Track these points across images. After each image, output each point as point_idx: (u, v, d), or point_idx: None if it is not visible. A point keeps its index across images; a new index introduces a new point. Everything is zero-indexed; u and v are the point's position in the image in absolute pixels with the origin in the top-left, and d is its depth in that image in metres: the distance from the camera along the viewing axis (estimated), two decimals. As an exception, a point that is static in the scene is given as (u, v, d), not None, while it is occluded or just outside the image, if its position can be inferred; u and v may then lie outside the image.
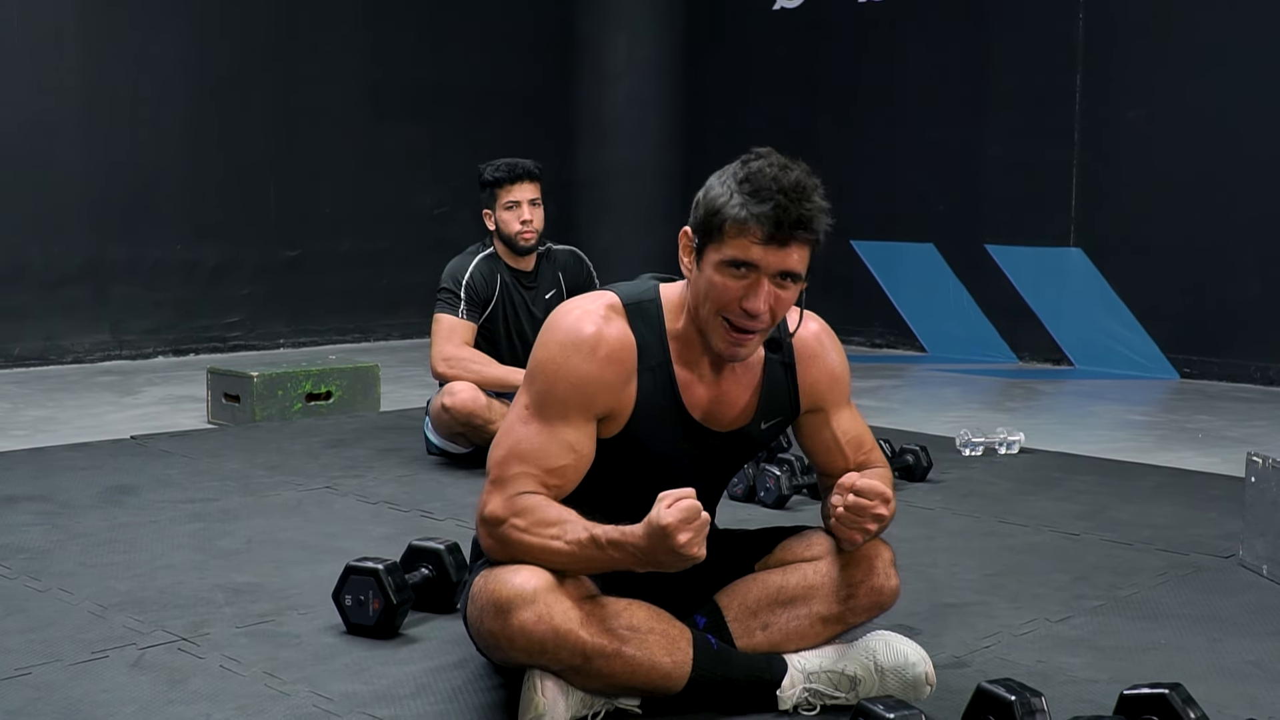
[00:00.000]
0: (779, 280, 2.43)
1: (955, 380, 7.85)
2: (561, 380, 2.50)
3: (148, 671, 2.83)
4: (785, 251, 2.40)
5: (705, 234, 2.46)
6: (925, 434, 5.72)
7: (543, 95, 9.96)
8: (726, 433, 2.66)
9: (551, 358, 2.52)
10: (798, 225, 2.39)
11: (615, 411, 2.54)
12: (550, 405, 2.50)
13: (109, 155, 8.01)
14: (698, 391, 2.61)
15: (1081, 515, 4.30)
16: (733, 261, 2.42)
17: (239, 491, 4.53)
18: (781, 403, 2.70)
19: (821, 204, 2.43)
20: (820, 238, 2.46)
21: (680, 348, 2.59)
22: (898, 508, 4.28)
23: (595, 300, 2.59)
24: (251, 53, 8.55)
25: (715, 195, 2.45)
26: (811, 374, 2.70)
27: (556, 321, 2.56)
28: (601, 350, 2.51)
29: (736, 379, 2.65)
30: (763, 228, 2.38)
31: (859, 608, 2.68)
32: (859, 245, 9.31)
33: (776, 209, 2.37)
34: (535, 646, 2.38)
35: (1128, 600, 3.39)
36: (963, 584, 3.52)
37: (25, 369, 7.69)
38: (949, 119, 8.80)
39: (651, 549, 2.29)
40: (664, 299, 2.62)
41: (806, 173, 2.44)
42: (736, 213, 2.40)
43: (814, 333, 2.73)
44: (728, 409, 2.64)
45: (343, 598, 3.09)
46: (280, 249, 8.76)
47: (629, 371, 2.53)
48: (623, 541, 2.33)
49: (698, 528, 2.27)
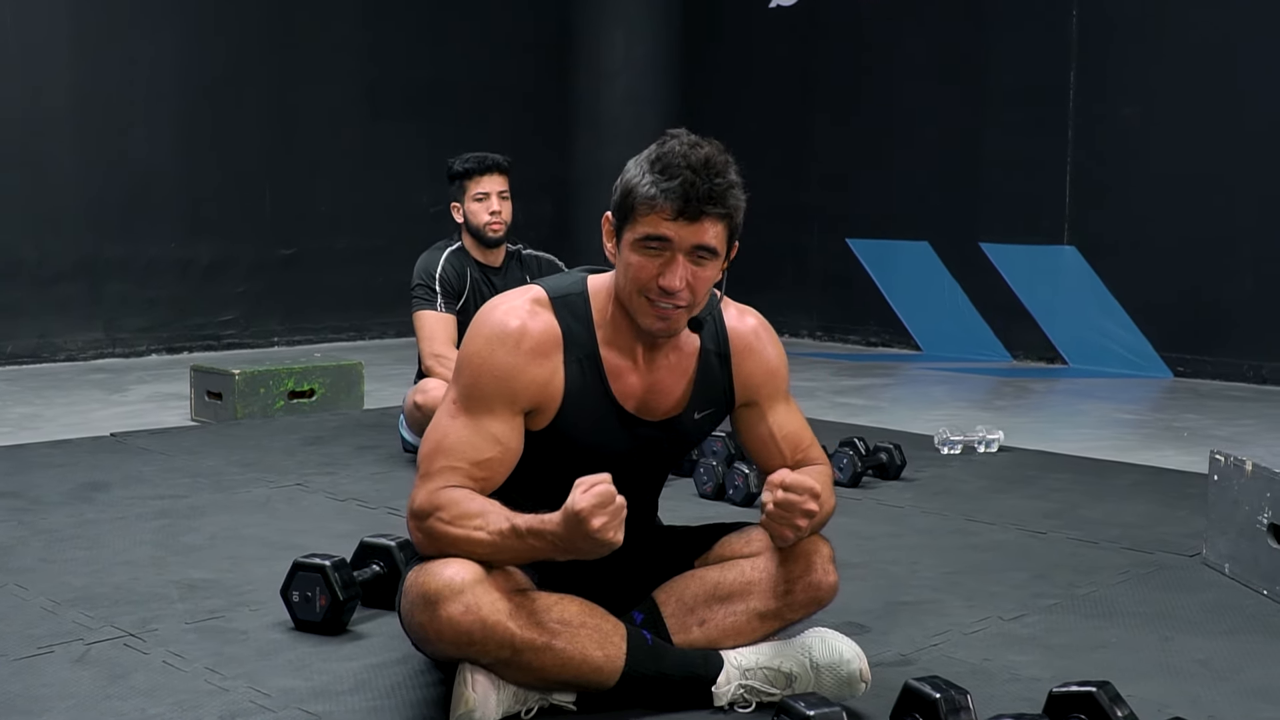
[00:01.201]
0: (695, 256, 2.46)
1: (947, 379, 7.82)
2: (486, 374, 2.51)
3: (90, 667, 2.83)
4: (697, 226, 2.43)
5: (621, 216, 2.50)
6: (907, 432, 5.70)
7: (540, 93, 9.96)
8: (658, 422, 2.65)
9: (477, 351, 2.53)
10: (707, 200, 2.42)
11: (542, 404, 2.55)
12: (476, 399, 2.51)
13: (103, 153, 8.04)
14: (629, 380, 2.61)
15: (1050, 514, 4.28)
16: (645, 239, 2.45)
17: (210, 488, 4.54)
18: (715, 394, 2.69)
19: (733, 179, 2.46)
20: (734, 214, 2.48)
21: (609, 335, 2.59)
22: (870, 506, 4.32)
23: (521, 295, 2.60)
24: (247, 50, 8.57)
25: (629, 178, 2.48)
26: (747, 367, 2.70)
27: (483, 316, 2.57)
28: (526, 343, 2.52)
29: (670, 368, 2.65)
30: (672, 203, 2.41)
31: (796, 604, 2.66)
32: (854, 243, 9.29)
33: (684, 184, 2.40)
34: (463, 638, 2.38)
35: (1084, 599, 3.37)
36: (920, 582, 3.51)
37: (18, 366, 7.72)
38: (944, 117, 8.77)
39: (569, 535, 2.29)
40: (592, 289, 2.62)
41: (719, 150, 2.47)
42: (646, 190, 2.43)
43: (751, 327, 2.73)
44: (661, 398, 2.64)
45: (290, 594, 3.09)
46: (275, 247, 8.78)
47: (555, 363, 2.55)
48: (541, 529, 2.33)
49: (612, 512, 2.27)
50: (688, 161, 2.42)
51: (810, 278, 9.59)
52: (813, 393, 7.02)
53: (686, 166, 2.41)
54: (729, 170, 2.46)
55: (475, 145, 5.53)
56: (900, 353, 8.97)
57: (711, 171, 2.43)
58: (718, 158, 2.45)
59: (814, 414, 6.26)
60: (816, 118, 9.46)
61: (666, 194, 2.41)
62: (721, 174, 2.44)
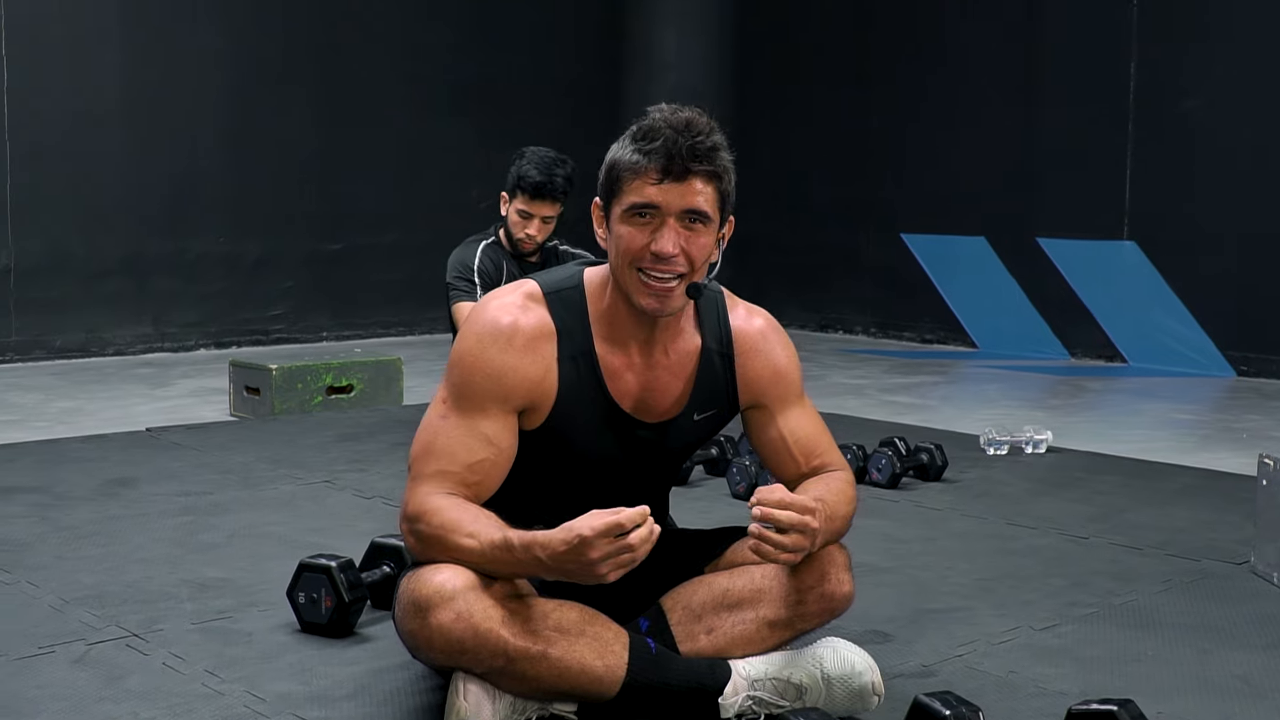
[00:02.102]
0: (686, 221, 2.38)
1: (1001, 377, 7.65)
2: (477, 372, 2.43)
3: (89, 668, 2.77)
4: (685, 187, 2.36)
5: (608, 193, 2.43)
6: (954, 432, 5.56)
7: (590, 88, 9.87)
8: (656, 424, 2.55)
9: (468, 349, 2.45)
10: (691, 157, 2.35)
11: (536, 403, 2.46)
12: (467, 398, 2.43)
13: (152, 149, 8.04)
14: (626, 379, 2.52)
15: (1094, 518, 4.13)
16: (633, 208, 2.38)
17: (236, 485, 4.49)
18: (717, 395, 2.59)
19: (718, 140, 2.39)
20: (724, 176, 2.40)
21: (606, 330, 2.50)
22: (907, 508, 4.20)
23: (514, 290, 2.52)
24: (296, 45, 8.55)
25: (613, 155, 2.42)
26: (753, 368, 2.60)
27: (475, 313, 2.50)
28: (518, 340, 2.44)
29: (669, 366, 2.55)
30: (656, 163, 2.35)
31: (809, 614, 2.55)
32: (909, 238, 9.13)
33: (666, 143, 2.34)
34: (454, 647, 2.29)
35: (1122, 608, 3.23)
36: (951, 588, 3.38)
37: (66, 361, 7.74)
38: (1001, 109, 8.59)
39: (563, 556, 2.19)
40: (588, 282, 2.54)
41: (700, 113, 2.40)
42: (629, 158, 2.37)
43: (758, 327, 2.63)
44: (659, 398, 2.54)
45: (296, 595, 3.02)
46: (323, 242, 8.76)
47: (548, 360, 2.46)
48: (533, 544, 2.23)
49: (617, 547, 2.16)
50: (669, 123, 2.36)
51: (864, 274, 9.43)
52: (861, 390, 6.89)
53: (668, 127, 2.36)
54: (713, 132, 2.39)
55: (523, 140, 5.42)
56: (955, 350, 8.80)
57: (694, 131, 2.36)
58: (700, 119, 2.39)
59: (860, 412, 6.14)
60: (871, 112, 9.30)
61: (650, 155, 2.35)
62: (705, 133, 2.37)
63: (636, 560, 2.19)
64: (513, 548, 2.25)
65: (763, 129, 9.94)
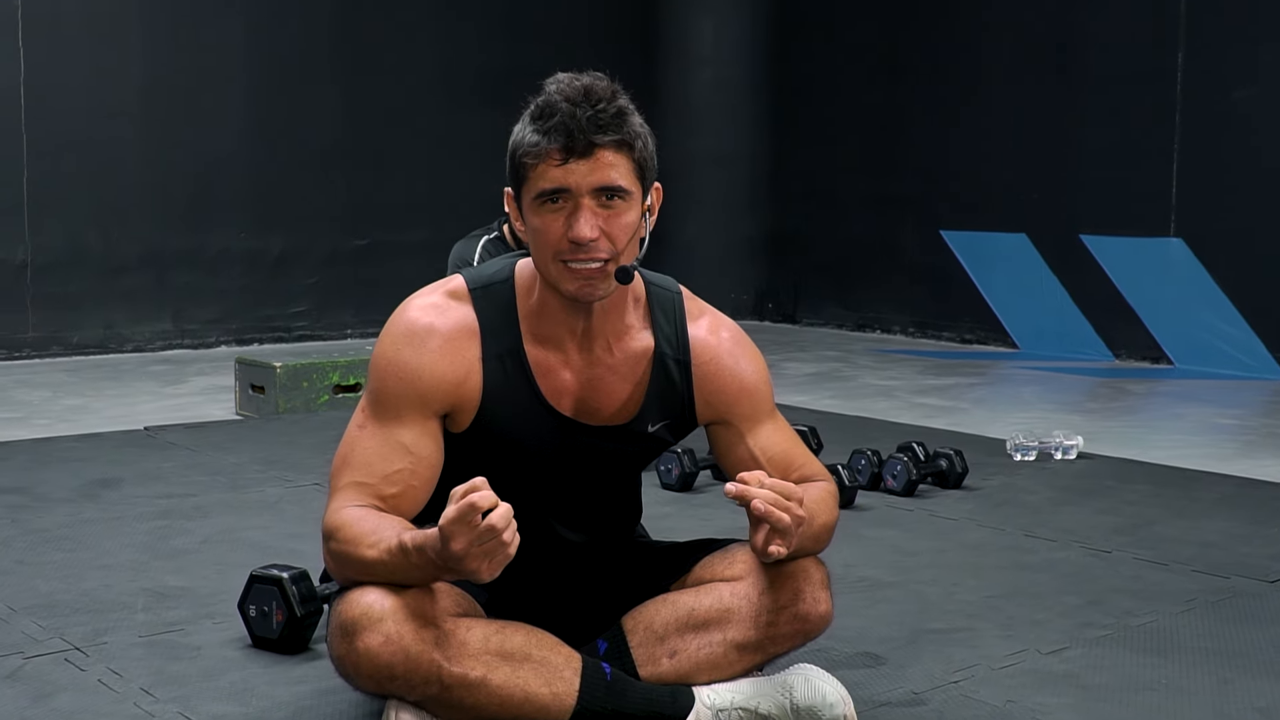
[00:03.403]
0: (601, 200, 2.16)
1: (1040, 379, 7.37)
2: (391, 376, 2.24)
3: (19, 684, 2.60)
4: (593, 162, 2.14)
5: (515, 181, 2.22)
6: (982, 436, 5.31)
7: (625, 80, 9.59)
8: (601, 428, 2.34)
9: (383, 353, 2.27)
10: (595, 129, 2.13)
11: (458, 405, 2.27)
12: (383, 405, 2.24)
13: (172, 142, 7.92)
14: (562, 377, 2.31)
15: (1120, 529, 3.88)
16: (542, 195, 2.16)
17: (222, 487, 4.33)
18: (673, 405, 2.37)
19: (622, 105, 2.17)
20: (635, 143, 2.18)
21: (536, 326, 2.30)
22: (920, 518, 3.96)
23: (436, 288, 2.33)
24: (319, 37, 8.40)
25: (513, 139, 2.20)
26: (715, 382, 2.37)
27: (393, 316, 2.31)
28: (433, 341, 2.25)
29: (614, 365, 2.33)
30: (557, 143, 2.13)
31: (781, 635, 2.33)
32: (948, 235, 8.86)
33: (564, 117, 2.13)
34: (384, 672, 2.10)
35: (1139, 630, 2.99)
36: (955, 606, 3.15)
37: (83, 357, 7.63)
38: (1042, 102, 8.30)
39: (443, 553, 1.98)
40: (518, 276, 2.33)
41: (599, 78, 2.19)
42: (529, 139, 2.15)
43: (724, 340, 2.40)
44: (605, 399, 2.33)
45: (247, 608, 2.84)
46: (348, 238, 8.60)
47: (469, 361, 2.26)
48: (424, 544, 2.02)
49: (478, 534, 1.93)
50: (565, 95, 2.14)
51: (902, 272, 9.16)
52: (891, 392, 6.64)
53: (564, 100, 2.14)
54: (616, 97, 2.17)
55: None
56: (995, 350, 8.52)
57: (593, 99, 2.14)
58: (599, 84, 2.17)
59: (887, 415, 5.90)
60: (910, 105, 9.03)
61: (549, 135, 2.13)
62: (606, 99, 2.15)
63: (507, 547, 1.95)
64: (408, 551, 2.05)
65: (800, 124, 9.70)
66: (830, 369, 7.41)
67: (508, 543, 1.96)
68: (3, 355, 7.43)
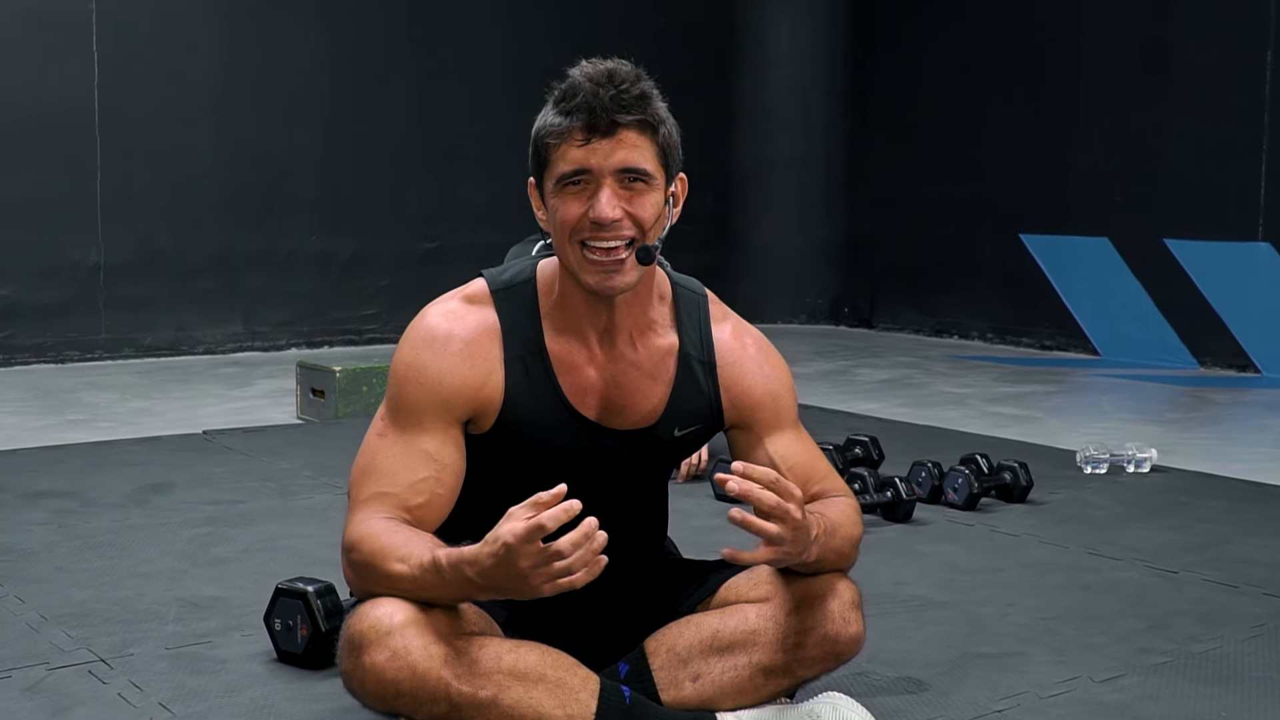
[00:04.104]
0: (624, 181, 2.10)
1: (1119, 387, 7.16)
2: (412, 383, 2.18)
3: (38, 697, 2.56)
4: (615, 142, 2.09)
5: (538, 167, 2.17)
6: (1053, 448, 5.15)
7: (700, 82, 9.58)
8: (626, 431, 2.26)
9: (402, 359, 2.21)
10: (617, 108, 2.08)
11: (480, 409, 2.20)
12: (404, 412, 2.17)
13: (243, 145, 7.95)
14: (585, 374, 2.23)
15: (1190, 548, 3.72)
16: (563, 178, 2.11)
17: (272, 493, 4.29)
18: (699, 408, 2.29)
19: (645, 89, 2.12)
20: (660, 126, 2.13)
21: (558, 322, 2.23)
22: (980, 533, 3.83)
23: (456, 293, 2.28)
24: (391, 39, 8.39)
25: (536, 125, 2.16)
26: (741, 384, 2.30)
27: (413, 322, 2.25)
28: (453, 345, 2.18)
29: (638, 362, 2.25)
30: (579, 122, 2.08)
31: (808, 659, 2.23)
32: (1028, 239, 8.66)
33: (586, 97, 2.08)
34: (389, 689, 2.02)
35: (1202, 657, 2.84)
36: (1009, 629, 3.02)
37: (154, 359, 7.68)
38: (1127, 103, 8.07)
39: (492, 571, 1.91)
40: (540, 274, 2.27)
41: (623, 63, 2.14)
42: (551, 121, 2.11)
43: (749, 344, 2.33)
44: (630, 398, 2.25)
45: (272, 621, 2.79)
46: (418, 241, 8.59)
47: (490, 364, 2.20)
48: (461, 562, 1.95)
49: (541, 557, 1.87)
50: (588, 76, 2.10)
51: (981, 276, 8.97)
52: (963, 400, 6.48)
53: (588, 81, 2.09)
54: (639, 79, 2.12)
55: None
56: (1076, 358, 8.30)
57: (617, 80, 2.09)
58: (623, 69, 2.12)
59: (957, 424, 5.75)
60: (989, 107, 8.84)
61: (571, 114, 2.08)
62: (629, 81, 2.10)
63: (573, 571, 1.88)
64: (441, 568, 1.98)
65: (877, 127, 9.54)
66: (903, 375, 7.26)
67: (575, 566, 1.88)
68: (76, 357, 7.50)
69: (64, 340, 7.47)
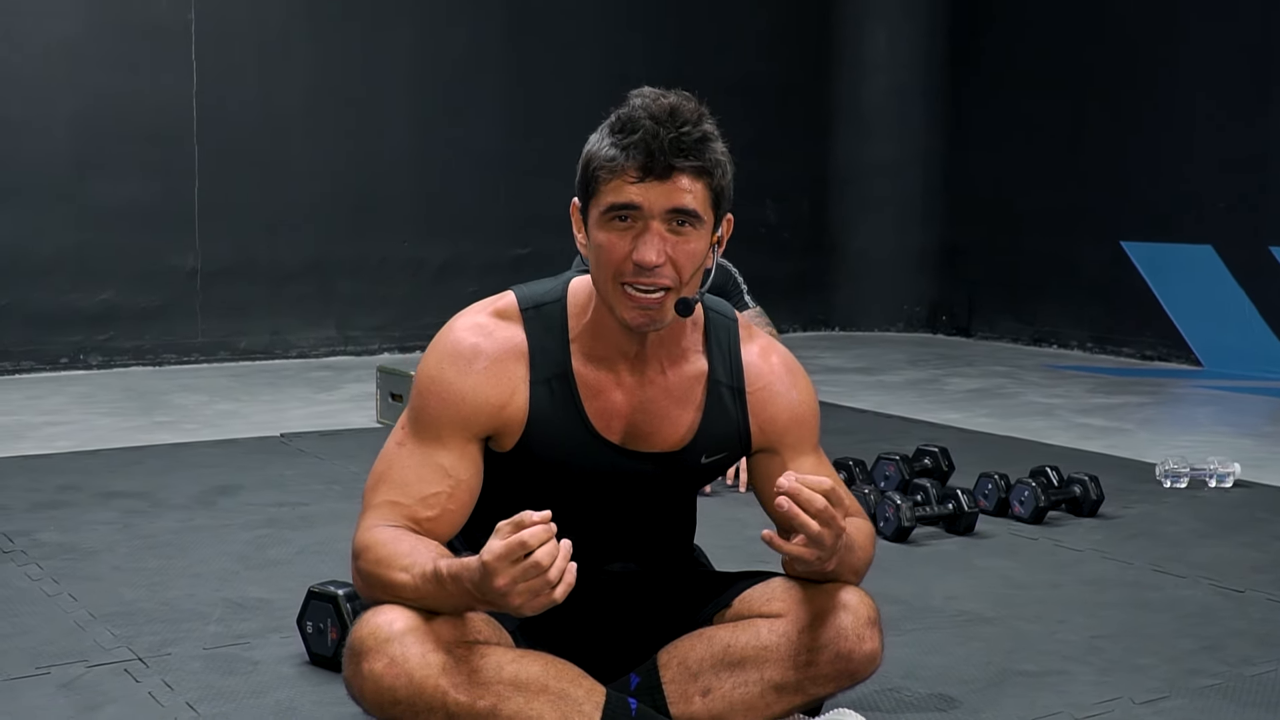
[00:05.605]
0: (672, 224, 2.06)
1: (1219, 399, 6.96)
2: (434, 397, 2.16)
3: (72, 694, 2.61)
4: (669, 186, 2.04)
5: (585, 193, 2.12)
6: (1136, 461, 5.02)
7: (797, 88, 9.51)
8: (652, 455, 2.23)
9: (426, 372, 2.20)
10: (675, 151, 2.03)
11: (501, 430, 2.18)
12: (424, 425, 2.16)
13: (336, 151, 8.05)
14: (613, 398, 2.21)
15: (1261, 567, 3.59)
16: (611, 209, 2.07)
17: (336, 497, 4.33)
18: (728, 435, 2.26)
19: (707, 130, 2.07)
20: (715, 170, 2.08)
21: (587, 346, 2.20)
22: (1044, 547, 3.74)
23: (486, 305, 2.24)
24: (485, 46, 8.45)
25: (588, 149, 2.11)
26: (769, 409, 2.27)
27: (441, 332, 2.23)
28: (479, 363, 2.16)
29: (668, 387, 2.22)
30: (635, 160, 2.04)
31: (821, 676, 2.19)
32: (1129, 246, 8.45)
33: (646, 135, 2.03)
34: (386, 697, 2.02)
35: (1254, 680, 2.73)
36: (1055, 646, 2.93)
37: (249, 362, 7.81)
38: (1230, 106, 7.85)
39: (481, 585, 1.90)
40: (571, 294, 2.23)
41: (687, 98, 2.09)
42: (606, 153, 2.06)
43: (776, 365, 2.30)
44: (656, 423, 2.23)
45: (304, 624, 2.81)
46: (510, 247, 8.63)
47: (514, 383, 2.18)
48: (460, 574, 1.94)
49: (522, 572, 1.85)
50: (649, 113, 2.05)
51: (1080, 285, 8.77)
52: (1052, 411, 6.33)
53: (648, 117, 2.04)
54: (702, 120, 2.07)
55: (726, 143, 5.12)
56: (1177, 368, 8.09)
57: (678, 120, 2.04)
58: (685, 105, 2.07)
59: (1042, 435, 5.63)
60: (1089, 111, 8.64)
61: (628, 150, 2.04)
62: (691, 123, 2.05)
63: (551, 586, 1.86)
64: (442, 579, 1.98)
65: (976, 133, 9.39)
66: (994, 385, 7.13)
67: (553, 582, 1.87)
68: (173, 360, 7.65)
69: (161, 343, 7.63)
